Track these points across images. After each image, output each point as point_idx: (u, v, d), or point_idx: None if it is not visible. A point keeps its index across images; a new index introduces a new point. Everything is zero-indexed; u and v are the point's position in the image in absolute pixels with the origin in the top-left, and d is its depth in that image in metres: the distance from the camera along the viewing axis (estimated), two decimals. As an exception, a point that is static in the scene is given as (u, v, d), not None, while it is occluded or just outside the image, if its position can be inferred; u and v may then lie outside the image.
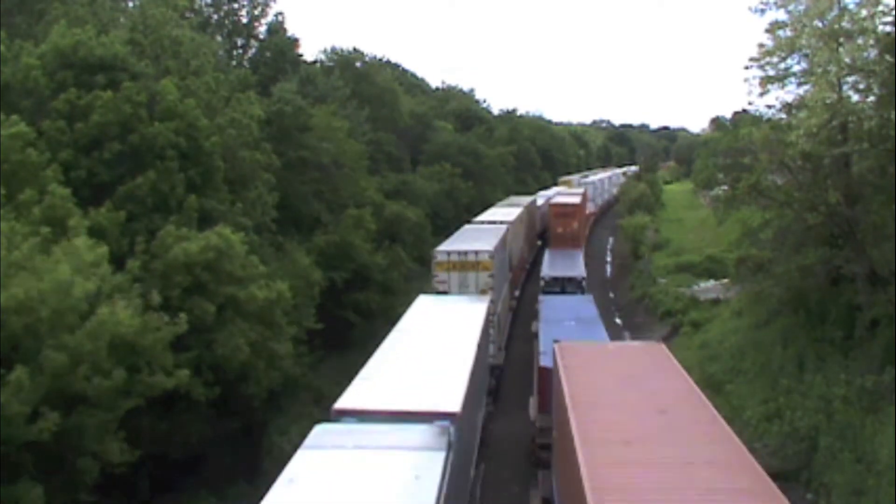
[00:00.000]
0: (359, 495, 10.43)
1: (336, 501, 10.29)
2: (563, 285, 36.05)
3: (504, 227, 37.25)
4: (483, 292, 27.79)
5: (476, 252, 29.20)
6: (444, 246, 30.99)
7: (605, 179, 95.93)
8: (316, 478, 10.93)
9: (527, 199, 55.84)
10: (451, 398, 14.67)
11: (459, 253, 29.16)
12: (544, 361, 21.77)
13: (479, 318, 22.22)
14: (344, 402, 14.27)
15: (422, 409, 13.77)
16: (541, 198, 63.02)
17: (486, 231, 35.70)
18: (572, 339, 22.32)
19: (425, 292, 27.33)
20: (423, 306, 24.05)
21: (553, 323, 26.15)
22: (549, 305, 29.83)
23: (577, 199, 56.98)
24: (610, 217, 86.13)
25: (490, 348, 26.15)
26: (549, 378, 20.21)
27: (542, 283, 37.25)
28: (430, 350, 18.76)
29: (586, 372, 16.32)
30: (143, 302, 18.00)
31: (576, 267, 39.74)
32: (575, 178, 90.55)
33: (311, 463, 11.41)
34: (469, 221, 42.17)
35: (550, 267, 39.88)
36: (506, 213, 44.44)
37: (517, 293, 42.10)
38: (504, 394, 29.78)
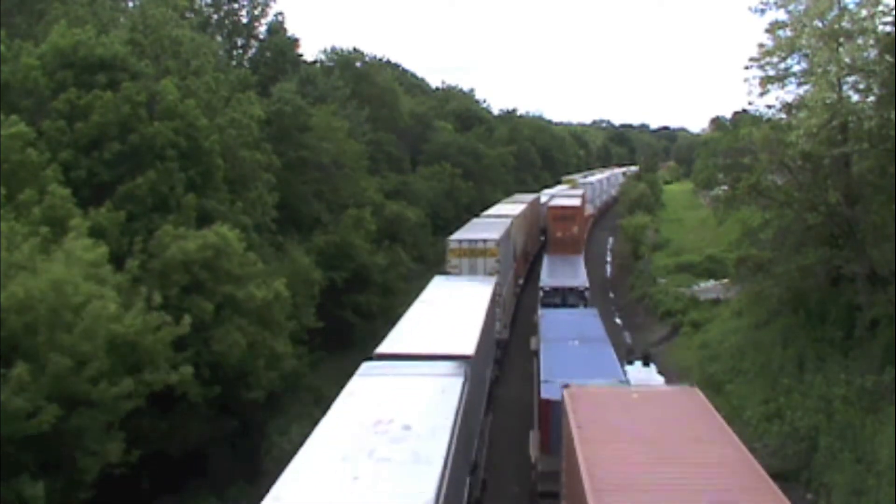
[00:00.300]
0: (402, 401, 14.10)
1: (387, 403, 13.86)
2: (563, 296, 33.95)
3: (509, 220, 39.45)
4: (490, 275, 30.59)
5: (484, 240, 32.66)
6: (457, 235, 34.72)
7: (604, 180, 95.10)
8: (369, 392, 14.76)
9: (531, 197, 57.27)
10: (466, 346, 18.32)
11: (470, 241, 32.77)
12: (547, 392, 18.98)
13: (486, 293, 25.41)
14: (383, 348, 18.16)
15: (444, 353, 17.39)
16: (545, 195, 63.21)
17: (494, 223, 38.70)
18: (577, 363, 20.80)
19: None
20: (440, 284, 27.51)
21: (554, 342, 24.08)
22: (550, 320, 27.48)
23: (577, 202, 55.35)
24: (609, 218, 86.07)
25: (497, 325, 29.38)
26: (552, 412, 17.82)
27: (540, 293, 34.83)
28: (448, 314, 22.31)
29: (608, 436, 12.86)
30: (145, 303, 17.94)
31: (577, 276, 37.33)
32: (577, 177, 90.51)
33: (363, 384, 15.22)
34: (477, 216, 44.96)
35: (550, 275, 37.25)
36: (511, 208, 47.03)
37: (521, 281, 43.81)
38: (507, 362, 33.28)
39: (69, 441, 15.60)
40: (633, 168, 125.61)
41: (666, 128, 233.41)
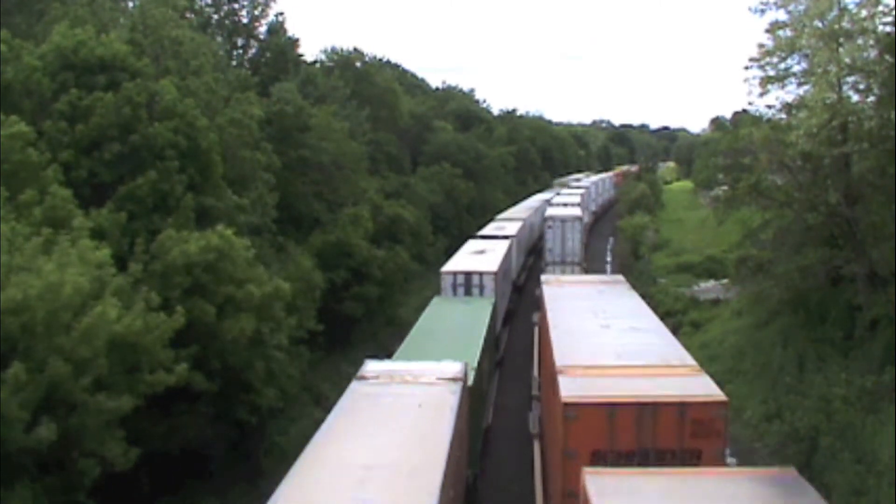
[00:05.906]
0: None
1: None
2: None
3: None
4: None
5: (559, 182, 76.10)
6: (557, 180, 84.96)
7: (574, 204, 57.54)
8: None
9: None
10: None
11: (561, 180, 79.50)
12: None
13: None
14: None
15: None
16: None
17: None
18: None
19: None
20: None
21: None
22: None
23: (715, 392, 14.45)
24: (606, 220, 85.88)
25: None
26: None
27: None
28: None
29: None
30: (145, 305, 17.89)
31: None
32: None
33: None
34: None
35: None
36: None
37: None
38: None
39: (69, 442, 15.55)
40: (633, 168, 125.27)
41: (666, 128, 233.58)
